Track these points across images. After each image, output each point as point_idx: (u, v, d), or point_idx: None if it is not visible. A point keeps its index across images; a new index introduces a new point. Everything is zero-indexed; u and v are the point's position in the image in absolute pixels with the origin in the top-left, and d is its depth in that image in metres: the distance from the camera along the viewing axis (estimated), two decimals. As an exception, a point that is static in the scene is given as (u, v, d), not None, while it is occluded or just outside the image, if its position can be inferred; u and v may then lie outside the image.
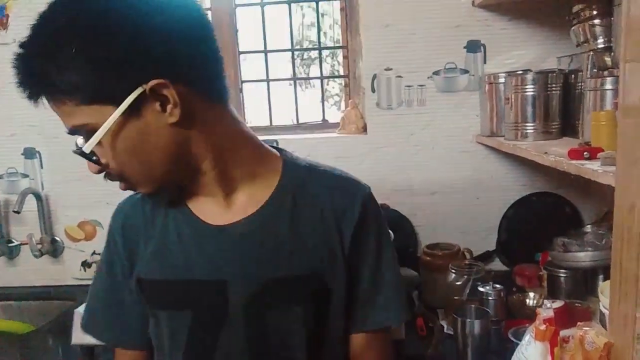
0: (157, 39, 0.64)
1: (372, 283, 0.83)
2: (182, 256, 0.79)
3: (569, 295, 1.41)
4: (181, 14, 0.67)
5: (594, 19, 1.25)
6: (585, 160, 0.98)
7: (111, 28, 0.62)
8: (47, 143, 1.93)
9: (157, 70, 0.64)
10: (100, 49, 0.62)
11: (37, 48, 0.64)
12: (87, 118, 0.66)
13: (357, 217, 0.81)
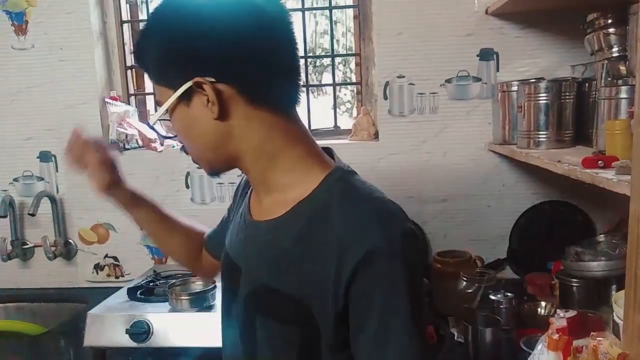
0: (212, 43, 0.72)
1: (375, 348, 0.69)
2: (233, 236, 0.90)
3: (581, 304, 1.40)
4: (244, 29, 0.74)
5: (608, 28, 1.25)
6: (600, 169, 0.98)
7: (178, 31, 0.73)
8: (62, 147, 1.94)
9: (206, 69, 0.73)
10: (167, 44, 0.74)
11: (142, 33, 0.79)
12: (160, 96, 0.78)
13: (354, 263, 0.68)
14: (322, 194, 0.75)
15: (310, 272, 0.72)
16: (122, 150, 1.94)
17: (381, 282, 0.67)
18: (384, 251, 0.67)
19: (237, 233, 0.88)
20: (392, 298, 0.68)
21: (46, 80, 1.92)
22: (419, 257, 0.72)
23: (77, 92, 1.92)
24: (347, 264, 0.68)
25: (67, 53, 1.91)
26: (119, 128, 1.93)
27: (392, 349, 0.67)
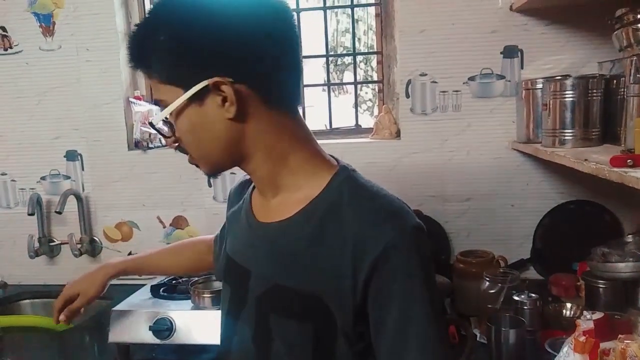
0: (229, 41, 0.71)
1: (398, 336, 0.72)
2: (236, 239, 0.90)
3: (607, 306, 1.37)
4: (260, 27, 0.73)
5: (638, 23, 1.22)
6: (629, 167, 0.96)
7: (193, 28, 0.71)
8: (88, 146, 2.00)
9: (224, 69, 0.71)
10: (181, 42, 0.72)
11: (143, 29, 0.75)
12: (164, 95, 0.75)
13: (372, 260, 0.71)
14: (332, 193, 0.77)
15: (326, 270, 0.73)
16: (146, 149, 1.97)
17: (400, 275, 0.71)
18: (401, 245, 0.70)
19: (240, 237, 0.88)
20: (411, 288, 0.71)
21: (73, 80, 1.96)
22: (429, 250, 0.75)
23: (102, 92, 1.96)
24: (365, 260, 0.71)
25: (93, 54, 1.95)
26: (142, 127, 1.96)
27: (415, 335, 0.70)
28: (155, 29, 0.73)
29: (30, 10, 1.95)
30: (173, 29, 0.72)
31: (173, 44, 0.72)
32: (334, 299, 0.74)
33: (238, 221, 0.90)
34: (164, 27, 0.72)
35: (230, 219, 0.95)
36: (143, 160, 1.97)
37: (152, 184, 1.98)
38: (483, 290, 1.49)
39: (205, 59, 0.71)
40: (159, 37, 0.72)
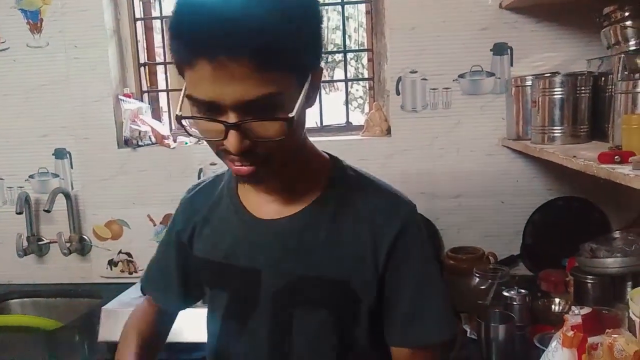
0: (321, 32, 0.72)
1: (414, 302, 0.81)
2: (228, 242, 0.86)
3: (596, 301, 1.39)
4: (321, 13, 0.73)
5: (625, 21, 1.23)
6: (616, 164, 0.97)
7: (314, 15, 0.70)
8: (77, 144, 1.98)
9: (320, 56, 0.73)
10: (309, 28, 0.69)
11: (281, 18, 0.64)
12: (280, 87, 0.66)
13: (395, 234, 0.79)
14: (337, 183, 0.83)
15: (349, 255, 0.79)
16: (136, 147, 1.95)
17: (417, 245, 0.82)
18: (414, 221, 0.82)
19: (232, 238, 0.85)
20: (425, 253, 0.83)
21: (61, 77, 1.94)
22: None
23: (91, 90, 1.94)
24: (385, 238, 0.79)
25: (82, 51, 1.93)
26: (132, 125, 1.95)
27: (433, 285, 0.83)
28: (289, 16, 0.64)
29: (17, 7, 1.92)
30: (300, 14, 0.67)
31: (307, 31, 0.68)
32: (360, 281, 0.79)
33: (223, 223, 0.87)
34: (295, 14, 0.65)
35: (202, 224, 0.90)
36: (133, 158, 1.96)
37: (142, 182, 1.97)
38: (473, 286, 1.51)
39: (320, 47, 0.72)
40: (294, 26, 0.65)
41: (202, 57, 0.63)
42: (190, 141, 2.00)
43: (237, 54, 0.62)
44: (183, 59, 0.66)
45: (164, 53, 2.14)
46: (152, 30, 2.12)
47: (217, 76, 0.63)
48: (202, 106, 0.68)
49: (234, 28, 0.61)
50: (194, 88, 0.67)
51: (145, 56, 2.11)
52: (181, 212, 0.95)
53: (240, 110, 0.66)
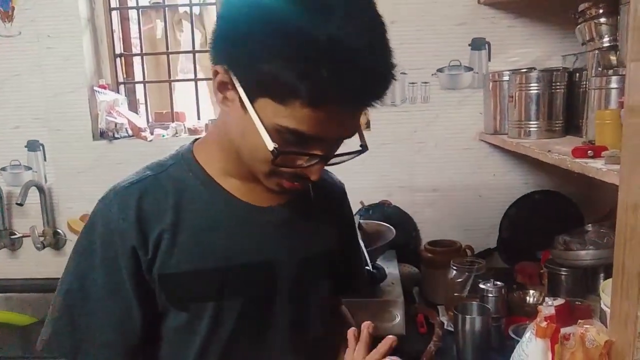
0: None
1: (355, 258, 1.05)
2: (222, 241, 0.77)
3: (569, 293, 1.42)
4: None
5: (599, 18, 1.25)
6: (589, 158, 0.98)
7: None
8: (50, 136, 1.94)
9: None
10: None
11: (383, 44, 0.67)
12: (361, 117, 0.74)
13: (347, 203, 1.00)
14: None
15: (332, 225, 0.91)
16: (112, 140, 1.92)
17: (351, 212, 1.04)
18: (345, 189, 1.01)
19: (235, 234, 0.78)
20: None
21: (34, 68, 1.89)
22: None
23: (65, 80, 1.90)
24: (341, 205, 0.98)
25: (55, 40, 1.88)
26: (108, 117, 1.91)
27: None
28: (387, 46, 0.68)
29: (-13, -6, 1.87)
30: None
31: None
32: (336, 246, 0.91)
33: (208, 222, 0.77)
34: (389, 46, 0.68)
35: (173, 232, 0.76)
36: (109, 150, 1.93)
37: (118, 175, 1.90)
38: (450, 278, 1.52)
39: None
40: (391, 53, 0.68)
41: (341, 105, 0.64)
42: (167, 134, 1.97)
43: (375, 103, 0.66)
44: (312, 99, 0.62)
45: (141, 44, 2.10)
46: (128, 21, 2.08)
47: (341, 119, 0.66)
48: (297, 138, 0.66)
49: (381, 82, 0.65)
50: (300, 123, 0.64)
51: (121, 47, 2.07)
52: (129, 228, 0.74)
53: (336, 144, 0.72)
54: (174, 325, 0.79)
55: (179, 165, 0.81)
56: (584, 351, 0.80)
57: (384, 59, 0.65)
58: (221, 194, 0.79)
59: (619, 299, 0.76)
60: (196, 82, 2.10)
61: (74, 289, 0.76)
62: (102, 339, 0.75)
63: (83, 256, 0.76)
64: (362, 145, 0.76)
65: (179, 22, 2.43)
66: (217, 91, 0.71)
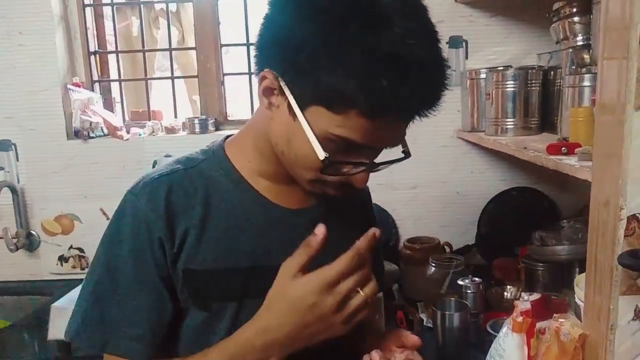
0: None
1: (376, 262, 0.95)
2: (251, 241, 0.77)
3: (546, 288, 1.44)
4: None
5: (573, 17, 1.27)
6: (563, 155, 1.00)
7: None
8: (23, 135, 1.89)
9: None
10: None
11: (440, 55, 0.67)
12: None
13: (371, 206, 0.99)
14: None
15: (360, 225, 0.79)
16: (87, 139, 1.88)
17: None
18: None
19: (265, 235, 0.78)
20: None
21: (5, 66, 1.84)
22: None
23: (37, 79, 1.86)
24: (368, 206, 0.99)
25: (27, 37, 1.84)
26: (82, 116, 1.87)
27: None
28: (442, 54, 0.68)
29: (-45, -10, 1.81)
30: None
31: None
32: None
33: (237, 221, 0.77)
34: (443, 56, 0.68)
35: (201, 228, 0.76)
36: (84, 150, 1.89)
37: (94, 175, 1.90)
38: (429, 275, 1.53)
39: None
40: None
41: (397, 116, 0.65)
42: (144, 133, 1.94)
43: (429, 113, 0.67)
44: (370, 110, 0.62)
45: (116, 41, 2.06)
46: (103, 17, 2.04)
47: (394, 129, 0.68)
48: (348, 146, 0.67)
49: (437, 93, 0.66)
50: (354, 133, 0.65)
51: (96, 44, 2.03)
52: (157, 219, 0.73)
53: (376, 154, 0.71)
54: (193, 325, 0.78)
55: (209, 161, 0.81)
56: (559, 344, 0.81)
57: (439, 70, 0.66)
58: (251, 194, 0.79)
59: (592, 293, 0.77)
60: (173, 80, 2.07)
61: (103, 280, 0.75)
62: (131, 332, 0.74)
63: (112, 247, 0.75)
64: (404, 152, 0.76)
65: (156, 19, 2.40)
66: (263, 96, 0.71)
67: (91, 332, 0.74)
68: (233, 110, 2.05)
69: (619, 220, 0.69)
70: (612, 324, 0.72)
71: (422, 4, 0.67)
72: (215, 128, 1.96)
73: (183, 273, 0.75)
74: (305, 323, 0.69)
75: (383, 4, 0.61)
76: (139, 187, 0.77)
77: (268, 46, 0.69)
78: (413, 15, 0.63)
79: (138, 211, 0.74)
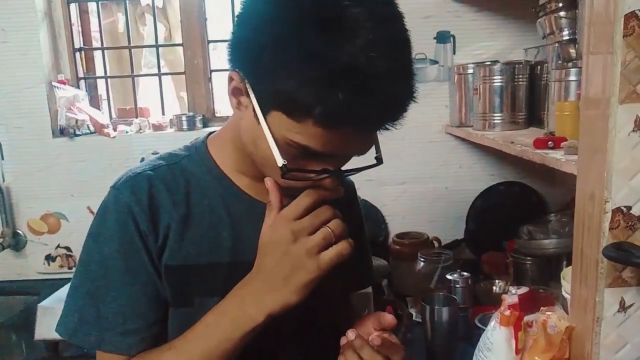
0: None
1: (364, 257, 0.99)
2: (229, 236, 0.77)
3: (534, 281, 1.45)
4: None
5: (559, 11, 1.27)
6: (550, 149, 1.00)
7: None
8: (8, 133, 1.87)
9: None
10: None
11: (405, 68, 0.64)
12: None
13: (356, 202, 0.98)
14: None
15: (346, 220, 0.79)
16: (72, 137, 1.86)
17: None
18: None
19: (241, 230, 0.77)
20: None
21: (-12, 63, 1.82)
22: None
23: (21, 76, 1.83)
24: (353, 202, 0.97)
25: (10, 34, 1.81)
26: (68, 113, 1.85)
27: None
28: (410, 60, 0.66)
29: None
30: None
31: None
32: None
33: (214, 217, 0.77)
34: (411, 70, 0.66)
35: (182, 224, 0.76)
36: (70, 147, 1.87)
37: (80, 173, 1.88)
38: (418, 270, 1.54)
39: None
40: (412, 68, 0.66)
41: (354, 128, 0.62)
42: (131, 130, 1.92)
43: (390, 126, 0.65)
44: (325, 121, 0.60)
45: (101, 38, 2.04)
46: (88, 14, 2.02)
47: (355, 139, 0.65)
48: (308, 154, 0.65)
49: (397, 108, 0.63)
50: (312, 141, 0.63)
51: (81, 41, 2.01)
52: (141, 212, 0.74)
53: (344, 160, 0.70)
54: (176, 319, 0.78)
55: (192, 158, 0.81)
56: (546, 337, 0.82)
57: (403, 84, 0.63)
58: (232, 190, 0.79)
59: (578, 286, 0.78)
60: (160, 77, 2.06)
61: (97, 278, 0.74)
62: (125, 327, 0.74)
63: (101, 243, 0.75)
64: (377, 158, 0.75)
65: (142, 15, 2.37)
66: (232, 96, 0.70)
67: (87, 330, 0.74)
68: (221, 107, 2.04)
69: (604, 213, 0.69)
70: (598, 317, 0.73)
71: (396, 12, 0.65)
72: (203, 125, 1.95)
73: (165, 268, 0.75)
74: (276, 261, 0.69)
75: (348, 13, 0.59)
76: (121, 181, 0.77)
77: (236, 47, 0.68)
78: (381, 24, 0.60)
79: (122, 204, 0.74)
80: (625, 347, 0.74)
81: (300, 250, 0.67)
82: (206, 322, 0.73)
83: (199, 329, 0.73)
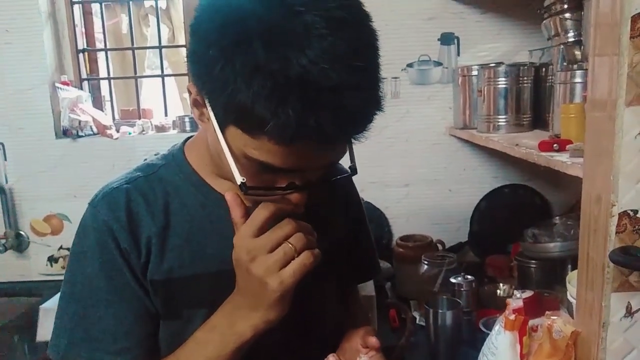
0: None
1: (366, 248, 0.99)
2: (215, 245, 0.74)
3: (539, 285, 1.44)
4: None
5: (564, 13, 1.26)
6: (555, 152, 0.99)
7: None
8: (11, 134, 1.87)
9: None
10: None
11: (366, 77, 0.60)
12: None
13: (354, 192, 0.94)
14: None
15: (343, 212, 0.88)
16: (76, 138, 1.86)
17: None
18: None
19: (227, 237, 0.73)
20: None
21: (-9, 64, 1.82)
22: None
23: (25, 77, 1.83)
24: (351, 192, 0.95)
25: (14, 35, 1.81)
26: (71, 114, 1.85)
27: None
28: (377, 67, 0.62)
29: (-60, -13, 1.79)
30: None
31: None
32: (346, 236, 0.88)
33: (198, 224, 0.75)
34: (375, 79, 0.62)
35: (164, 235, 0.74)
36: (73, 149, 1.87)
37: (83, 174, 1.88)
38: (422, 273, 1.53)
39: None
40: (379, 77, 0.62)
41: (310, 142, 0.57)
42: (134, 131, 1.92)
43: (353, 139, 0.62)
44: (279, 137, 0.56)
45: (105, 39, 2.04)
46: (92, 15, 2.02)
47: (316, 153, 0.61)
48: (270, 169, 0.62)
49: (356, 120, 0.59)
50: (270, 157, 0.60)
51: (85, 42, 2.01)
52: (120, 229, 0.71)
53: (314, 173, 0.66)
54: (166, 333, 0.76)
55: (169, 166, 0.78)
56: (551, 342, 0.81)
57: (364, 94, 0.58)
58: (213, 196, 0.76)
59: (584, 290, 0.77)
60: (163, 78, 2.06)
61: (83, 298, 0.72)
62: (116, 347, 0.72)
63: (82, 264, 0.73)
64: (351, 167, 0.71)
65: (145, 16, 2.37)
66: (193, 107, 0.67)
67: (77, 352, 0.72)
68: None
69: (611, 216, 0.69)
70: (604, 321, 0.72)
71: (358, 15, 0.60)
72: (206, 126, 1.95)
73: (151, 283, 0.73)
74: (244, 280, 0.67)
75: (299, 20, 0.54)
76: (97, 198, 0.74)
77: (190, 58, 0.63)
78: (338, 31, 0.55)
79: (100, 222, 0.72)
80: (632, 353, 0.73)
81: (259, 269, 0.64)
82: (196, 339, 0.72)
83: (190, 345, 0.72)
